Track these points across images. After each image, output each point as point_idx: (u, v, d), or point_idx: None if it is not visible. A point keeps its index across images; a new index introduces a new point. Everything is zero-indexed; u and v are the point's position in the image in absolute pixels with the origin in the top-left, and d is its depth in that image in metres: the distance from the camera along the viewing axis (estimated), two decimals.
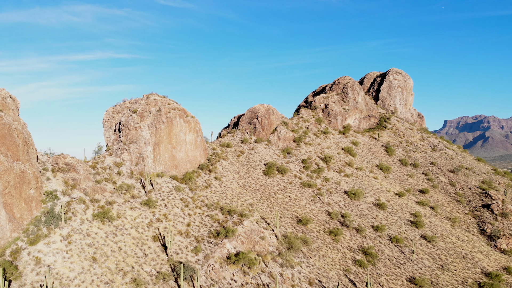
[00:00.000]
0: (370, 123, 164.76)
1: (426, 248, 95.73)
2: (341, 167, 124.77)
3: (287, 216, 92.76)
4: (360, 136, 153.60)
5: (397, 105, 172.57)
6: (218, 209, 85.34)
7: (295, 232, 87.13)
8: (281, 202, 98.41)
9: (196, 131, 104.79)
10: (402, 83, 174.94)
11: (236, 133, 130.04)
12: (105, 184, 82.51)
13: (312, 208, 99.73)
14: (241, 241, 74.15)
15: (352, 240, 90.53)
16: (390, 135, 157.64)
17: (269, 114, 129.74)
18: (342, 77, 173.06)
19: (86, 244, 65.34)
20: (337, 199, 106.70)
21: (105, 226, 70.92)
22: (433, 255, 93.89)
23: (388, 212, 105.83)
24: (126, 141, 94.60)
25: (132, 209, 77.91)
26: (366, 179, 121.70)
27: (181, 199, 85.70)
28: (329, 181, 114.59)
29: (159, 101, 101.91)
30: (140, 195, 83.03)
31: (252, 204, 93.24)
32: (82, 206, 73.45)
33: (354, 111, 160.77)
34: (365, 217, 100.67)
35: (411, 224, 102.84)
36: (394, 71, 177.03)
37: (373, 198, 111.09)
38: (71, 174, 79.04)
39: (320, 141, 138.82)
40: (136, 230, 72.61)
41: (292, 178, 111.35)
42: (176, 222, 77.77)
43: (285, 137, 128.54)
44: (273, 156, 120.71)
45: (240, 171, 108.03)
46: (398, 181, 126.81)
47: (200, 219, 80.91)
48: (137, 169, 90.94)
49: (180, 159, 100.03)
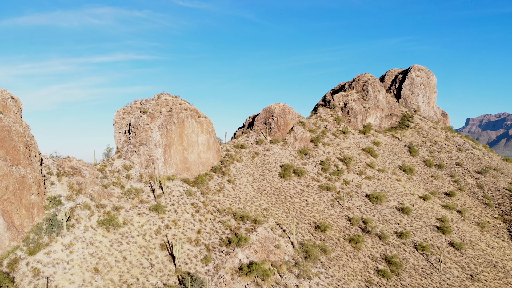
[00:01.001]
0: (392, 122, 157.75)
1: (454, 256, 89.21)
2: (362, 168, 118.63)
3: (304, 222, 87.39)
4: (382, 136, 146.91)
5: (420, 103, 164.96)
6: (230, 215, 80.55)
7: (312, 240, 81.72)
8: (297, 207, 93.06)
9: (209, 132, 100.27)
10: (425, 80, 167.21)
11: (251, 133, 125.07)
12: (112, 189, 78.64)
13: (331, 213, 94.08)
14: (254, 250, 69.16)
15: (375, 248, 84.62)
16: (413, 134, 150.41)
17: (285, 113, 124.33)
18: (362, 74, 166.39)
19: (88, 254, 61.34)
20: (357, 203, 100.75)
21: (110, 233, 66.86)
22: (462, 263, 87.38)
23: (412, 217, 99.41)
24: (136, 143, 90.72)
25: (140, 215, 73.76)
26: (388, 181, 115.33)
27: (192, 203, 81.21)
28: (349, 184, 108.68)
29: (170, 101, 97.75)
30: (149, 200, 78.86)
31: (267, 209, 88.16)
32: (86, 212, 69.61)
33: (375, 110, 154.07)
34: (388, 223, 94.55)
35: (438, 230, 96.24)
36: (417, 68, 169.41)
37: (396, 202, 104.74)
38: (77, 178, 75.36)
39: (339, 141, 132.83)
40: (143, 238, 68.36)
41: (309, 181, 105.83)
42: (186, 229, 73.26)
43: (302, 137, 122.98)
44: (289, 157, 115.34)
45: (254, 174, 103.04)
46: (423, 183, 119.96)
47: (212, 225, 76.26)
48: (146, 172, 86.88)
49: (192, 161, 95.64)
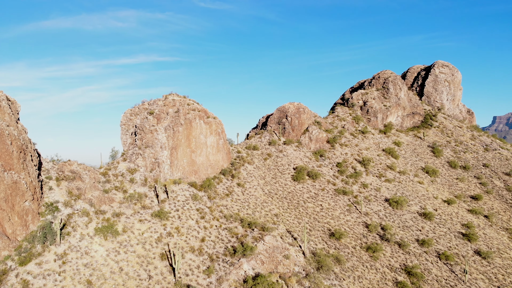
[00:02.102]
0: (414, 121, 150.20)
1: (481, 266, 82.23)
2: (382, 170, 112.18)
3: (317, 229, 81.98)
4: (403, 136, 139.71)
5: (444, 101, 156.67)
6: (238, 221, 75.89)
7: (326, 248, 76.26)
8: (311, 212, 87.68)
9: (218, 133, 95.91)
10: (449, 77, 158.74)
11: (264, 134, 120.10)
12: (114, 194, 75.10)
13: (347, 219, 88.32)
14: (261, 261, 64.30)
15: (394, 257, 78.51)
16: (437, 134, 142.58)
17: (299, 113, 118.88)
18: (382, 71, 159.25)
19: (82, 264, 57.69)
20: (376, 208, 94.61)
21: (107, 242, 63.15)
22: (489, 274, 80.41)
23: (435, 222, 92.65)
24: (141, 145, 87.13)
25: (141, 221, 69.90)
26: (410, 184, 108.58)
27: (198, 209, 76.95)
28: (367, 187, 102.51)
29: (178, 101, 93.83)
30: (152, 205, 74.99)
31: (278, 214, 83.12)
32: (84, 219, 66.14)
33: (396, 108, 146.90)
34: (408, 229, 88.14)
35: (463, 237, 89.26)
36: (440, 64, 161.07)
37: (418, 206, 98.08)
38: (76, 183, 72.11)
39: (358, 141, 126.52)
40: (143, 247, 64.40)
41: (324, 184, 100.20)
42: (189, 237, 68.99)
43: (318, 137, 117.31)
44: (304, 159, 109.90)
45: (266, 177, 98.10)
46: (447, 186, 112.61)
47: (217, 233, 71.77)
48: (151, 175, 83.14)
49: (200, 164, 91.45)
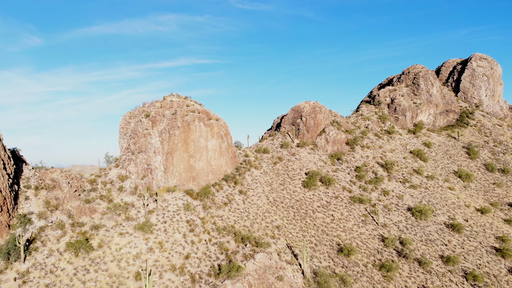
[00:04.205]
0: (448, 119, 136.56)
1: None
2: (407, 175, 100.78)
3: (324, 243, 72.62)
4: (435, 136, 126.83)
5: (482, 97, 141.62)
6: (231, 235, 67.98)
7: (331, 267, 66.86)
8: (319, 224, 78.35)
9: (221, 135, 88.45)
10: (487, 71, 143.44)
11: (277, 136, 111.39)
12: (98, 203, 69.22)
13: (361, 231, 78.33)
14: (249, 283, 56.06)
15: (411, 278, 67.95)
16: (474, 133, 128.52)
17: (315, 112, 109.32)
18: (412, 66, 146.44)
19: (44, 285, 51.74)
20: (396, 218, 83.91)
21: (78, 259, 57.06)
22: None
23: (465, 235, 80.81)
24: (134, 150, 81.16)
25: (121, 235, 63.48)
26: (438, 190, 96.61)
27: (188, 221, 69.71)
28: (388, 195, 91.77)
29: (176, 103, 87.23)
30: (138, 217, 68.48)
31: (280, 226, 74.43)
32: (58, 232, 60.47)
33: (428, 106, 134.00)
34: (432, 244, 76.98)
35: (496, 253, 77.05)
36: (478, 57, 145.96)
37: (445, 216, 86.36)
38: (55, 192, 66.75)
39: (382, 142, 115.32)
40: (117, 265, 57.83)
41: (339, 191, 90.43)
42: (172, 253, 61.82)
43: (335, 139, 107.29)
44: (318, 163, 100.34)
45: (273, 183, 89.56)
46: (482, 192, 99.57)
47: (205, 248, 64.18)
48: (143, 183, 76.83)
49: (199, 169, 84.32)
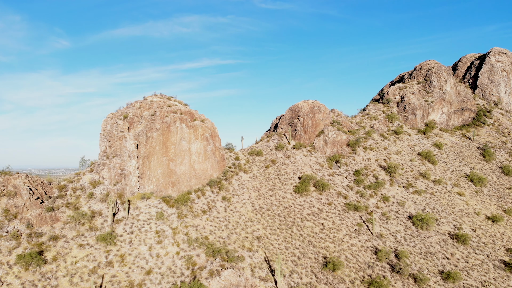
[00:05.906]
0: (464, 118, 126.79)
1: None
2: (411, 179, 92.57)
3: (309, 256, 65.74)
4: (448, 136, 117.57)
5: (501, 94, 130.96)
6: (203, 247, 62.01)
7: (313, 283, 59.98)
8: (307, 234, 71.46)
9: (206, 138, 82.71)
10: (507, 66, 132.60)
11: (273, 137, 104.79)
12: (62, 211, 64.60)
13: (353, 242, 71.03)
14: None
15: None
16: (491, 133, 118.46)
17: (313, 112, 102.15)
18: (425, 61, 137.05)
19: None
20: (394, 228, 76.16)
21: (27, 273, 52.32)
22: None
23: (471, 247, 72.35)
24: (110, 154, 76.35)
25: (81, 246, 58.53)
26: (445, 196, 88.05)
27: (157, 231, 64.20)
28: (388, 201, 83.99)
29: (156, 103, 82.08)
30: (103, 227, 63.44)
31: (261, 237, 67.96)
32: (11, 243, 56.01)
33: (440, 103, 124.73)
34: (432, 257, 68.95)
35: (504, 268, 68.36)
36: (497, 51, 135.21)
37: (451, 225, 77.99)
38: (16, 199, 62.45)
39: (388, 144, 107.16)
40: (70, 280, 52.79)
41: (333, 197, 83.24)
42: (133, 268, 56.40)
43: (335, 140, 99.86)
44: (314, 166, 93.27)
45: (261, 188, 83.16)
46: (495, 198, 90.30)
47: (171, 262, 58.46)
48: (115, 189, 71.87)
49: (181, 174, 78.83)
